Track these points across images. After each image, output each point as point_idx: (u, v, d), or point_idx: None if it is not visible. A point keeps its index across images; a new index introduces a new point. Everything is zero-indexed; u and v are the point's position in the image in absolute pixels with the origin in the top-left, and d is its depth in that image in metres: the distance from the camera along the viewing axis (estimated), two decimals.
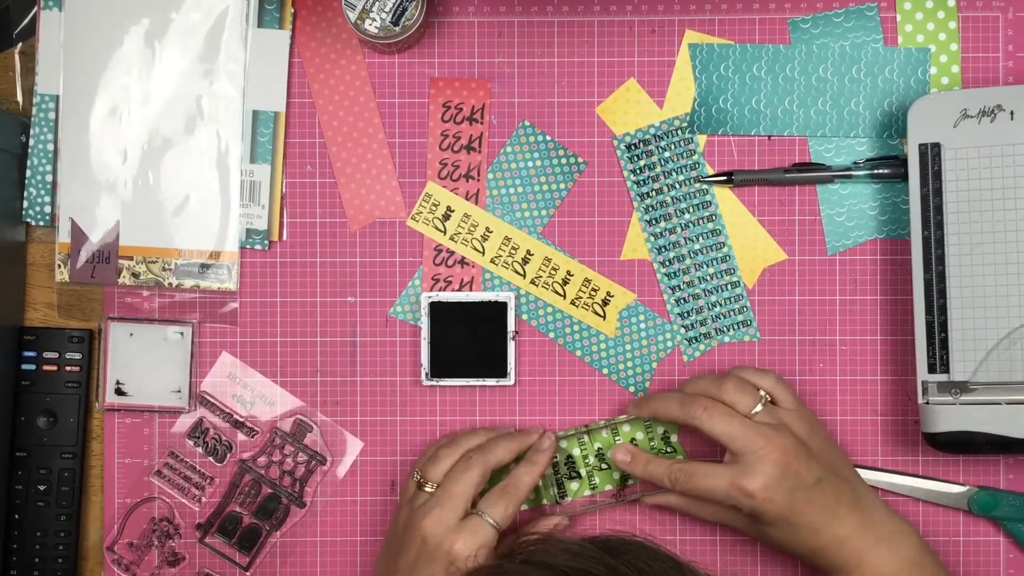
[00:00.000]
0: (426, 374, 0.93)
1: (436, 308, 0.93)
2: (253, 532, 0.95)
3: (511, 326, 0.93)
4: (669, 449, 0.94)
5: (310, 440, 0.95)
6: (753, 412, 0.86)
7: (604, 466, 0.94)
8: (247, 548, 0.95)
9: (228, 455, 0.95)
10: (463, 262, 0.95)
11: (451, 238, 0.95)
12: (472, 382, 0.94)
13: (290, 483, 0.95)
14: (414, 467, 0.91)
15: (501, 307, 0.93)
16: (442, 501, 0.86)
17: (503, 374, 0.93)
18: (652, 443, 0.93)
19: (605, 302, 0.95)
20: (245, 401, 0.95)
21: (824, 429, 0.89)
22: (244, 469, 0.95)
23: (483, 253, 0.95)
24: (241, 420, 0.95)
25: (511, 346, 0.93)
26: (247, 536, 0.95)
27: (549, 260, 0.95)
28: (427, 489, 0.87)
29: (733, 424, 0.85)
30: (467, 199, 0.95)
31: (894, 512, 0.86)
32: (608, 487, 0.94)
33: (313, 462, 0.95)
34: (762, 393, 0.87)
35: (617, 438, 0.93)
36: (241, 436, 0.95)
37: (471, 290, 0.95)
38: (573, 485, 0.94)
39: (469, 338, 0.94)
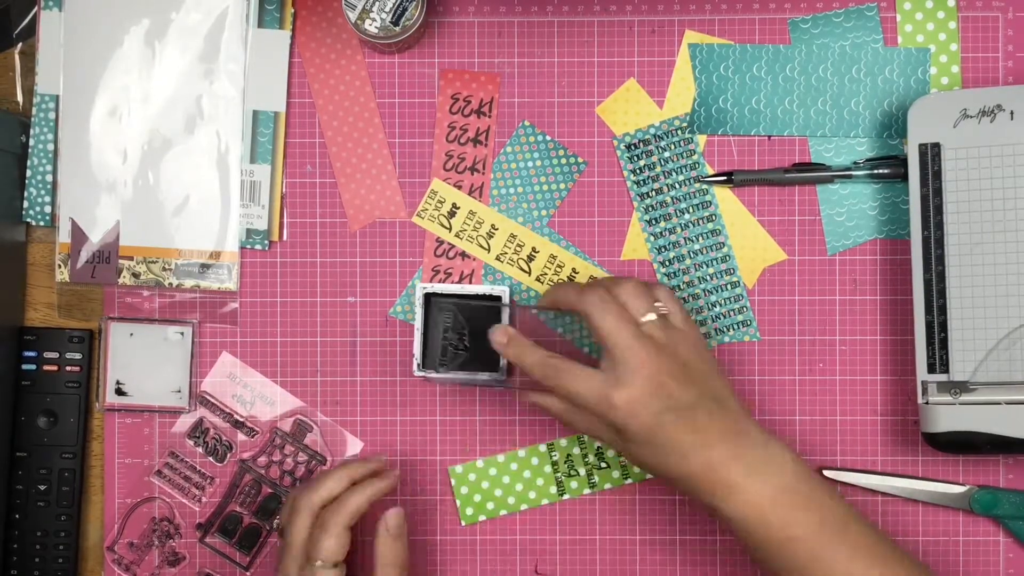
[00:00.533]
0: (418, 365, 0.93)
1: (430, 300, 0.93)
2: (253, 532, 0.95)
3: (505, 320, 0.93)
4: (603, 464, 0.94)
5: (310, 440, 0.95)
6: (644, 320, 0.81)
7: (604, 465, 0.94)
8: (247, 548, 0.95)
9: (228, 455, 0.95)
10: (464, 255, 0.95)
11: (456, 235, 0.95)
12: (464, 375, 0.94)
13: (290, 483, 0.95)
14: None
15: (496, 300, 0.93)
16: (284, 553, 0.85)
17: (495, 368, 0.93)
18: (587, 458, 0.94)
19: None
20: (245, 401, 0.95)
21: (710, 352, 0.83)
22: (244, 469, 0.95)
23: (488, 250, 0.95)
24: (241, 420, 0.95)
25: None
26: (247, 536, 0.95)
27: (555, 257, 0.95)
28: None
29: (621, 326, 0.79)
30: (471, 192, 0.95)
31: (773, 439, 0.80)
32: (608, 485, 0.94)
33: (313, 462, 0.95)
34: (659, 304, 0.82)
35: (556, 450, 0.93)
36: (241, 436, 0.95)
37: (471, 283, 0.95)
38: (572, 484, 0.94)
39: (463, 330, 0.93)
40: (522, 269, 0.95)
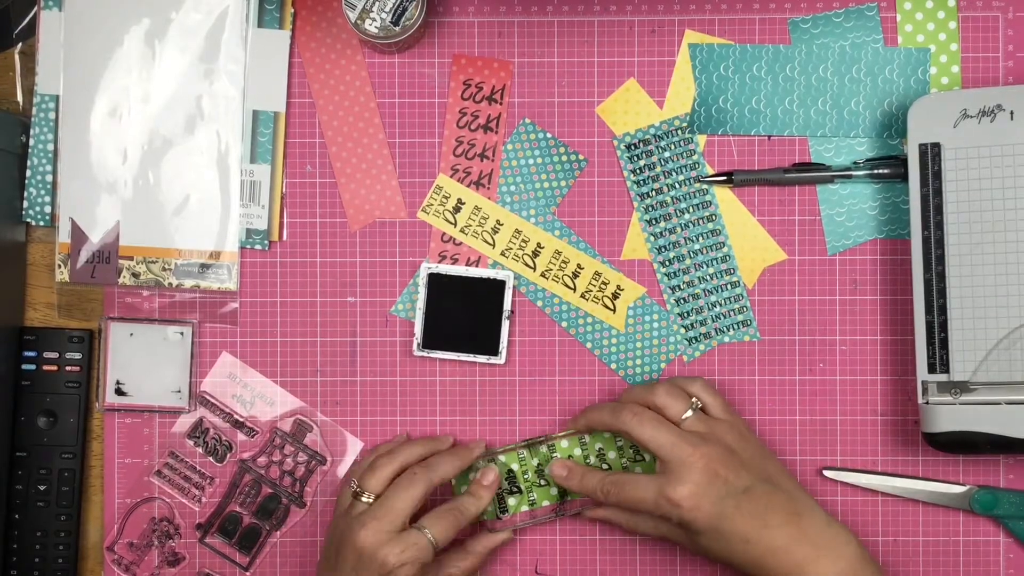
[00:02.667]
0: (418, 344, 0.93)
1: (434, 280, 0.93)
2: (253, 532, 0.95)
3: (507, 305, 0.93)
4: (605, 466, 0.93)
5: (310, 440, 0.95)
6: (684, 418, 0.85)
7: (543, 482, 0.93)
8: (247, 548, 0.95)
9: (228, 455, 0.95)
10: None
11: (461, 230, 0.95)
12: (463, 356, 0.94)
13: (290, 483, 0.95)
14: (350, 476, 0.90)
15: (499, 285, 0.93)
16: (380, 514, 0.85)
17: (494, 352, 0.93)
18: (588, 460, 0.93)
19: (615, 295, 0.95)
20: (245, 401, 0.95)
21: (756, 437, 0.88)
22: (244, 469, 0.95)
23: (493, 246, 0.95)
24: (241, 420, 0.95)
25: (504, 325, 0.93)
26: (247, 536, 0.95)
27: (559, 253, 0.95)
28: (364, 499, 0.87)
29: (661, 431, 0.84)
30: (480, 179, 0.95)
31: (833, 520, 0.85)
32: (546, 502, 0.93)
33: (313, 462, 0.95)
34: (694, 400, 0.87)
35: (555, 454, 0.93)
36: (241, 436, 0.95)
37: (478, 268, 0.95)
38: (512, 500, 0.93)
39: (465, 313, 0.94)
40: (527, 264, 0.95)
